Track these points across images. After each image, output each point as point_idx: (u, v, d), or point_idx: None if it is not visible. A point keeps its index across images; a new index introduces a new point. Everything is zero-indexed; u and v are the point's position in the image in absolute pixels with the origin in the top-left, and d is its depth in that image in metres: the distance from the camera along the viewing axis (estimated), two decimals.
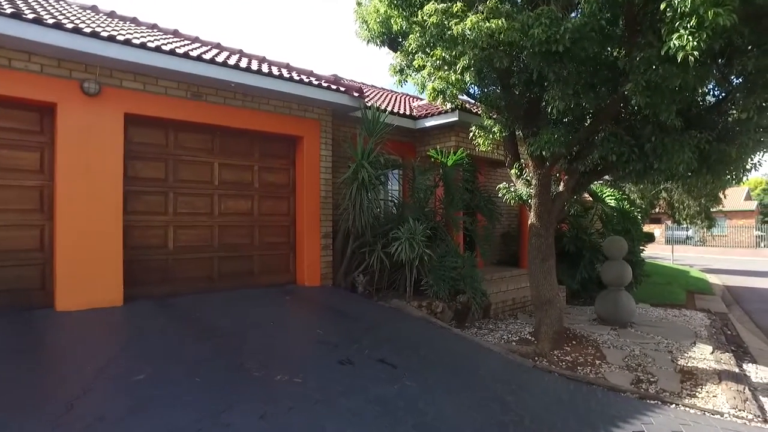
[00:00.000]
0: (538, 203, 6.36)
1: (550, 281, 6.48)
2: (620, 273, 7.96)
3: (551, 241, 6.51)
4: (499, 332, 7.18)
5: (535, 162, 6.26)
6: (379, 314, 6.41)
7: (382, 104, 8.96)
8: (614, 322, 7.88)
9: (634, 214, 10.52)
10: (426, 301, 7.20)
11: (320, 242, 7.44)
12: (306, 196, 7.35)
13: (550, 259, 6.50)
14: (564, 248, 10.01)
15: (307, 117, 7.37)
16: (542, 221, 6.40)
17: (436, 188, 7.87)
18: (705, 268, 19.95)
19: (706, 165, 5.78)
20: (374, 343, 5.21)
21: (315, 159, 7.43)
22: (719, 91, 6.26)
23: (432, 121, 8.67)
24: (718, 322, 9.33)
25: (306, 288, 7.25)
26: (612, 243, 8.09)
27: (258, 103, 6.84)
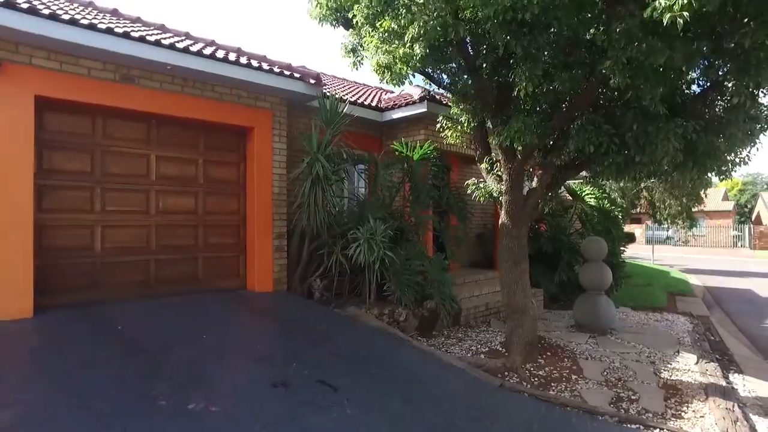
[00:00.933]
0: (509, 200, 5.67)
1: (523, 287, 5.80)
2: (600, 276, 7.32)
3: (524, 243, 5.82)
4: (468, 342, 6.47)
5: (506, 155, 5.57)
6: (331, 324, 5.66)
7: (350, 97, 8.21)
8: (593, 329, 7.23)
9: (615, 213, 9.93)
10: (388, 308, 6.48)
11: (273, 244, 6.67)
12: (257, 193, 6.57)
13: (523, 263, 5.82)
14: (541, 249, 9.36)
15: (259, 106, 6.60)
16: (514, 220, 5.71)
17: (402, 185, 7.14)
18: (685, 268, 19.54)
19: (693, 158, 5.13)
20: (319, 360, 4.48)
21: (267, 152, 6.66)
22: (704, 81, 5.64)
23: (399, 112, 7.95)
24: (701, 326, 8.74)
25: (256, 294, 6.48)
26: (591, 244, 7.45)
27: (201, 89, 6.05)
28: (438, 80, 6.18)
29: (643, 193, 14.28)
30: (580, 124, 4.67)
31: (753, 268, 20.19)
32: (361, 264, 6.32)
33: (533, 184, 5.80)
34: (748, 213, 46.70)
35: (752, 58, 4.05)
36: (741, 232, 35.75)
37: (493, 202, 6.14)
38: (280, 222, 6.76)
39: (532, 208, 5.75)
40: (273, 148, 6.71)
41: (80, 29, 4.83)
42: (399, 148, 7.04)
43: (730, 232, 35.86)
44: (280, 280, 6.74)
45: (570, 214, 10.05)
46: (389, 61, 4.32)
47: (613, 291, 10.02)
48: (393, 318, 6.39)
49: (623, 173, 4.97)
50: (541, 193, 5.75)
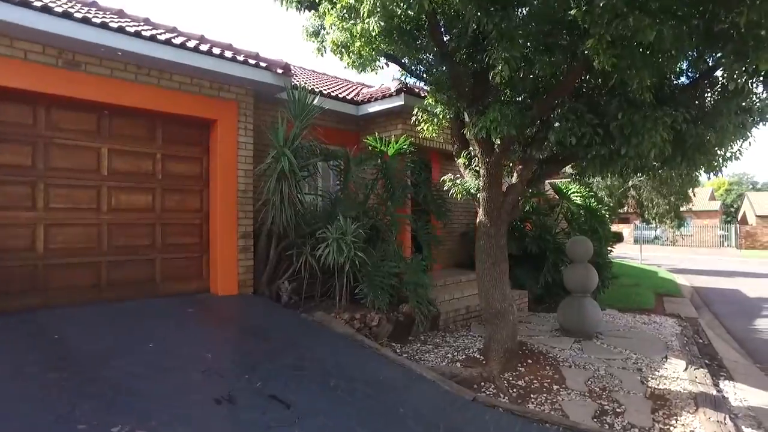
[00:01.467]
0: (486, 197, 5.23)
1: (502, 290, 5.36)
2: (585, 278, 6.90)
3: (503, 243, 5.38)
4: (445, 348, 6.02)
5: (483, 148, 5.13)
6: (295, 331, 5.19)
7: (327, 90, 7.74)
8: (578, 334, 6.82)
9: (602, 212, 9.53)
10: (360, 313, 6.01)
11: (238, 244, 6.18)
12: (221, 189, 6.08)
13: (502, 264, 5.38)
14: (526, 249, 8.93)
15: (223, 97, 6.11)
16: (492, 219, 5.27)
17: (377, 182, 6.68)
18: (673, 268, 19.26)
19: (681, 152, 4.72)
20: (274, 371, 4.01)
21: (232, 146, 6.17)
22: (694, 72, 5.25)
23: (375, 106, 7.49)
24: (689, 329, 8.37)
25: (219, 298, 5.99)
26: (576, 244, 7.03)
27: (158, 78, 5.55)
28: (415, 72, 5.75)
29: (631, 192, 13.91)
30: (561, 114, 4.23)
31: (739, 268, 19.96)
32: (330, 265, 5.86)
33: (512, 180, 5.36)
34: (734, 213, 46.79)
35: (749, 39, 3.64)
36: (727, 232, 35.68)
37: (464, 198, 5.70)
38: (246, 220, 6.27)
39: (511, 206, 5.32)
40: (238, 141, 6.22)
41: (10, 5, 4.32)
42: (372, 142, 6.58)
43: (716, 231, 35.78)
44: (245, 282, 6.25)
45: (556, 213, 9.65)
46: (345, 39, 3.87)
47: (600, 292, 9.63)
48: (365, 323, 5.93)
49: (608, 167, 4.54)
50: (522, 189, 5.32)
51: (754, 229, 33.53)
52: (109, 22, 4.99)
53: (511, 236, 9.14)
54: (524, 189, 5.38)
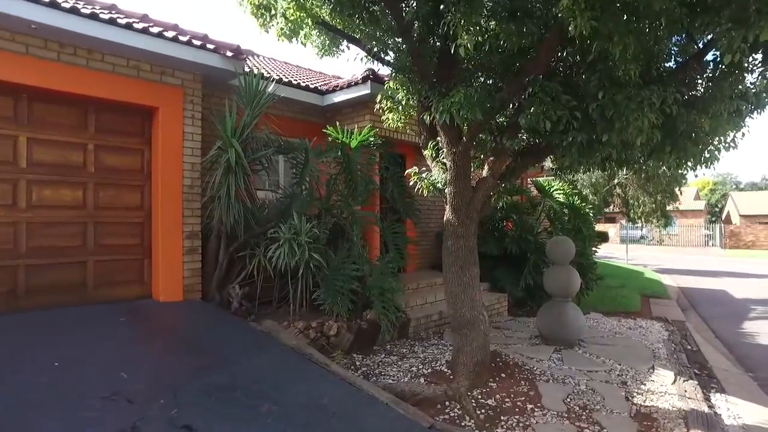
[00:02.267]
0: (454, 192, 4.57)
1: (472, 296, 4.71)
2: (566, 281, 6.27)
3: (473, 244, 4.73)
4: (411, 360, 5.36)
5: (449, 137, 4.48)
6: (238, 343, 4.50)
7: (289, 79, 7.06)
8: (559, 342, 6.19)
9: (586, 210, 8.93)
10: (317, 321, 5.34)
11: (183, 244, 5.48)
12: (165, 184, 5.38)
13: (472, 267, 4.73)
14: (506, 250, 8.31)
15: (166, 83, 5.40)
16: (460, 217, 4.62)
17: (340, 176, 5.99)
18: (658, 268, 18.79)
19: (671, 141, 4.11)
20: (198, 394, 3.35)
21: (177, 137, 5.47)
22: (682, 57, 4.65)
23: (341, 95, 6.82)
24: (677, 334, 7.78)
25: (160, 305, 5.29)
26: (557, 245, 6.40)
27: (86, 58, 4.85)
28: (378, 55, 5.08)
29: (617, 190, 13.34)
30: (533, 94, 3.59)
31: (725, 268, 19.54)
32: (285, 269, 5.19)
33: (483, 173, 4.72)
34: (719, 213, 46.64)
35: (751, 3, 3.02)
36: (712, 232, 35.42)
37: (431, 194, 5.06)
38: (192, 219, 5.57)
39: (481, 202, 4.67)
40: (184, 132, 5.52)
41: None
42: (333, 133, 5.90)
43: (701, 231, 35.50)
44: (192, 287, 5.55)
45: (538, 212, 9.03)
46: (268, 1, 3.19)
47: (584, 295, 9.03)
48: (322, 332, 5.26)
49: (587, 157, 3.90)
50: (493, 184, 4.68)
51: (738, 228, 33.25)
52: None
53: (491, 236, 8.54)
54: (496, 183, 4.73)
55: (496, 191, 4.95)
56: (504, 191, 4.93)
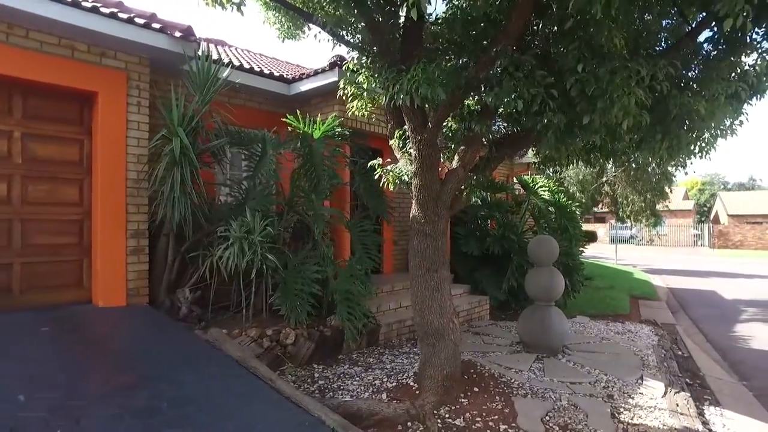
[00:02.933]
0: (420, 186, 4.02)
1: (441, 302, 4.16)
2: (549, 284, 5.73)
3: (441, 244, 4.18)
4: (376, 371, 4.79)
5: (414, 122, 3.92)
6: (176, 355, 3.92)
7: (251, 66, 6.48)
8: (541, 349, 5.65)
9: (572, 209, 8.41)
10: (273, 329, 4.77)
11: (127, 244, 4.89)
12: (106, 178, 4.79)
13: (441, 270, 4.17)
14: (488, 250, 7.78)
15: (107, 66, 4.81)
16: (427, 213, 4.06)
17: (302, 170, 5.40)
18: (648, 268, 18.34)
19: (663, 127, 3.58)
20: (104, 422, 2.77)
21: (120, 126, 4.87)
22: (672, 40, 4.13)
23: (308, 83, 6.25)
24: (667, 338, 7.28)
25: (99, 311, 4.69)
26: (539, 244, 5.85)
27: (6, 33, 4.24)
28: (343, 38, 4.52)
29: (605, 188, 12.82)
30: (502, 68, 3.04)
31: (714, 268, 19.15)
32: (243, 271, 4.62)
33: (453, 164, 4.16)
34: (707, 212, 46.43)
35: None
36: (700, 232, 35.13)
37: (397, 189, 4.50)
38: (138, 216, 4.98)
39: (450, 197, 4.11)
40: (129, 120, 4.93)
41: None
42: (293, 122, 5.32)
43: (690, 231, 35.21)
44: (138, 291, 4.96)
45: (522, 210, 8.50)
46: None
47: (571, 297, 8.51)
48: (277, 341, 4.69)
49: (566, 143, 3.35)
50: (463, 176, 4.12)
51: (726, 228, 32.97)
52: None
53: (473, 236, 8.00)
54: (467, 176, 4.18)
55: (468, 185, 4.37)
56: (477, 185, 4.36)
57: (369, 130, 6.54)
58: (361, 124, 6.40)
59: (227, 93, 6.14)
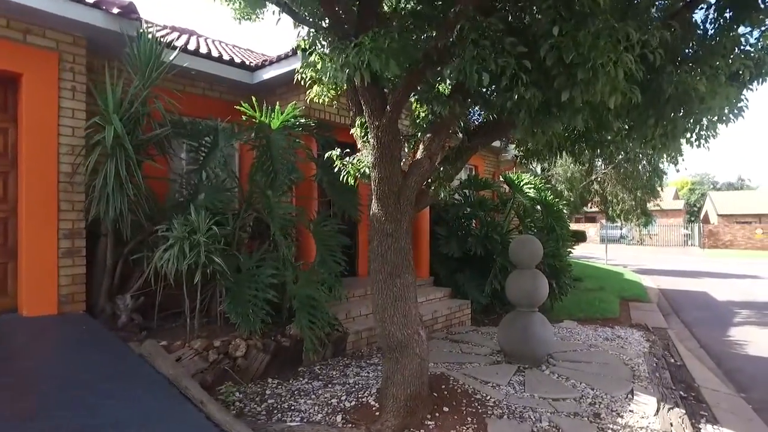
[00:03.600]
0: (379, 179, 3.47)
1: (404, 311, 3.61)
2: (532, 288, 5.18)
3: (405, 245, 3.63)
4: (336, 387, 4.23)
5: (371, 105, 3.37)
6: (98, 373, 3.34)
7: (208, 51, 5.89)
8: (523, 359, 5.11)
9: (559, 207, 7.90)
10: (222, 339, 4.21)
11: (59, 245, 4.31)
12: (33, 171, 4.20)
13: (405, 274, 3.63)
14: (470, 251, 7.24)
15: (32, 44, 4.22)
16: (388, 210, 3.51)
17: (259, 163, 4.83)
18: (638, 268, 17.90)
19: (656, 109, 3.05)
20: None
21: (50, 113, 4.28)
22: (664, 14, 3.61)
23: (271, 71, 5.68)
24: (659, 345, 6.77)
25: (22, 321, 4.11)
26: (520, 245, 5.31)
27: None
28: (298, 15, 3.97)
29: (594, 186, 12.32)
30: (463, 33, 2.48)
31: (705, 268, 18.74)
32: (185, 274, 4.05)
33: (417, 155, 3.61)
34: (697, 212, 46.18)
35: None
36: (691, 231, 34.84)
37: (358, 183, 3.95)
38: (72, 214, 4.40)
39: (415, 191, 3.56)
40: (61, 107, 4.34)
41: None
42: (248, 110, 4.76)
43: (681, 231, 34.90)
44: (72, 297, 4.38)
45: (507, 209, 7.97)
46: None
47: (558, 300, 7.99)
48: (226, 353, 4.13)
49: (543, 125, 2.79)
50: (429, 168, 3.57)
51: (716, 228, 32.66)
52: None
53: (454, 236, 7.47)
54: (433, 168, 3.63)
55: (437, 178, 3.81)
56: (447, 179, 3.80)
57: (339, 122, 5.99)
58: (329, 116, 5.84)
59: (183, 81, 5.61)
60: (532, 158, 5.11)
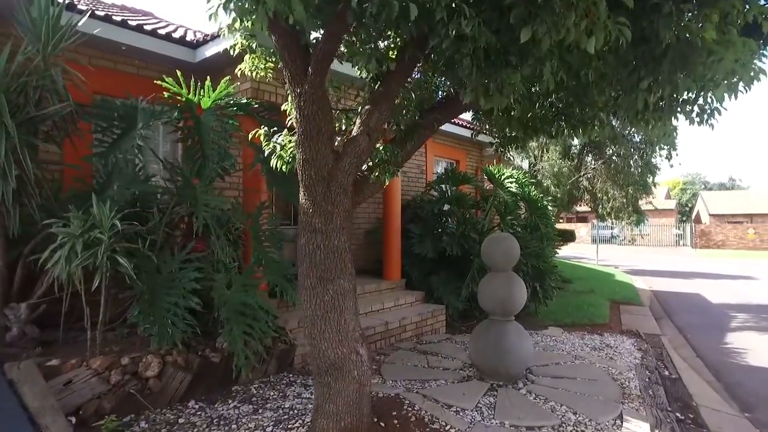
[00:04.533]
0: (304, 161, 2.72)
1: (339, 325, 2.86)
2: (507, 294, 4.43)
3: (340, 244, 2.87)
4: (267, 413, 3.46)
5: (292, 68, 2.63)
6: None
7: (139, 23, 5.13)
8: (496, 375, 4.37)
9: (544, 203, 7.17)
10: (132, 355, 3.45)
11: None
12: None
13: (338, 279, 2.87)
14: (444, 252, 6.50)
15: None
16: (316, 199, 2.76)
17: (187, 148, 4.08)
18: (630, 269, 17.21)
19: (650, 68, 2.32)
20: None
21: None
22: None
23: (214, 46, 4.89)
24: (651, 354, 6.05)
25: None
26: (494, 244, 4.56)
27: None
28: None
29: (583, 182, 11.56)
30: None
31: (697, 268, 18.07)
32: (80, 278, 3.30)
33: (354, 131, 2.86)
34: (689, 212, 45.62)
35: None
36: (682, 231, 34.24)
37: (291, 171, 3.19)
38: None
39: (351, 176, 2.81)
40: None
41: None
42: (172, 86, 4.00)
43: (672, 230, 34.29)
44: None
45: (488, 206, 7.23)
46: None
47: (543, 304, 7.26)
48: (135, 373, 3.37)
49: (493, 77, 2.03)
50: (369, 147, 2.82)
51: (708, 228, 32.05)
52: None
53: (429, 234, 6.73)
54: (372, 147, 2.88)
55: (380, 162, 3.06)
56: (395, 163, 3.06)
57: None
58: (279, 98, 5.09)
59: (115, 58, 4.87)
60: (510, 145, 4.40)
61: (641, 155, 10.78)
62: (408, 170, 8.34)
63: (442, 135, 9.01)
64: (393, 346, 5.46)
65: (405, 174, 8.29)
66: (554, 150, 10.40)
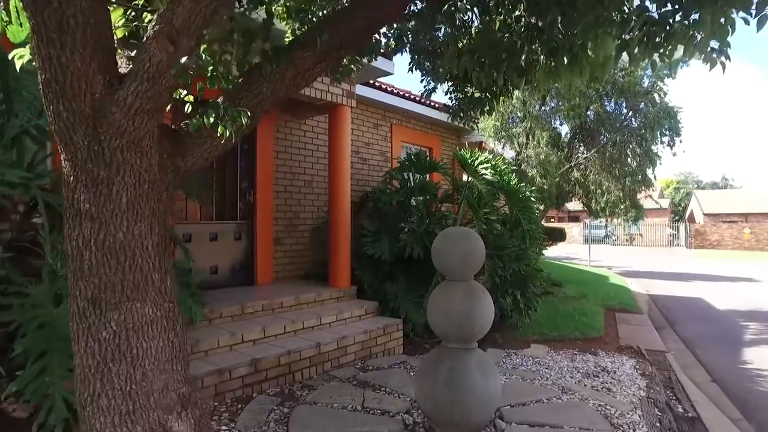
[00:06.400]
0: (45, 80, 1.44)
1: (131, 381, 1.58)
2: (465, 311, 3.11)
3: (132, 237, 1.59)
4: None
5: None
6: None
7: None
8: (451, 425, 3.09)
9: (526, 195, 5.91)
10: None
11: None
12: None
13: (133, 302, 1.59)
14: (403, 253, 5.22)
15: None
16: (75, 155, 1.49)
17: None
18: (624, 270, 16.10)
19: None
20: None
21: None
22: None
23: None
24: (658, 381, 4.82)
25: None
26: (448, 243, 3.25)
27: None
28: None
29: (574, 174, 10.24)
30: None
31: (695, 270, 17.02)
32: None
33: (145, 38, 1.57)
34: (682, 212, 44.68)
35: None
36: (677, 231, 33.26)
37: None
38: None
39: (139, 117, 1.53)
40: None
41: None
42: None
43: (666, 230, 33.31)
44: None
45: (461, 197, 5.96)
46: None
47: (526, 316, 5.99)
48: None
49: None
50: (169, 61, 1.54)
51: (703, 227, 31.04)
52: None
53: (385, 231, 5.45)
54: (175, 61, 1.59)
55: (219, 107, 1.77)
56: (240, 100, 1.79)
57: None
58: None
59: None
60: (473, 109, 3.18)
61: (639, 143, 9.56)
62: (369, 157, 7.07)
63: (411, 118, 7.76)
64: (326, 375, 4.17)
65: (365, 161, 7.02)
66: (541, 136, 9.17)
